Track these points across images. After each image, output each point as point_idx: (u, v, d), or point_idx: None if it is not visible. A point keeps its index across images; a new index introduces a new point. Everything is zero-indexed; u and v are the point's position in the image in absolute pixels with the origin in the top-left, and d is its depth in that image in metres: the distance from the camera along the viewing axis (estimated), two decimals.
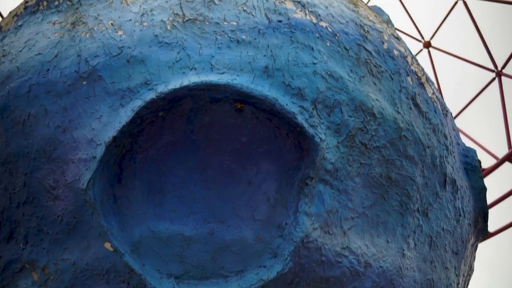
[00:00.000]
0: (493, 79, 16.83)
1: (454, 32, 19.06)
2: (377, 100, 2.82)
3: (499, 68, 16.58)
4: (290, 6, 2.90)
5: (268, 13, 2.79)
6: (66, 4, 3.05)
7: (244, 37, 2.64)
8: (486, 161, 14.79)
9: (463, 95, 18.32)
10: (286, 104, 2.45)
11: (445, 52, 18.92)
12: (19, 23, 3.12)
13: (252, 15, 2.76)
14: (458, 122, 17.61)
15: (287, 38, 2.69)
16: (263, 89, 2.45)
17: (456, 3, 18.27)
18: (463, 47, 18.57)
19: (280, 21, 2.76)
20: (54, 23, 2.92)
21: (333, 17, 3.01)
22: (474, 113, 18.08)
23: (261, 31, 2.68)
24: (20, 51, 2.81)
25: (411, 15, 19.82)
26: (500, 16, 17.57)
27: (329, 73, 2.66)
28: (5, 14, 17.43)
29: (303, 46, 2.70)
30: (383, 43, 3.17)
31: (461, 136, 16.05)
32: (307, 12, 2.91)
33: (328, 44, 2.81)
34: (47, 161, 2.50)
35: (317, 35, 2.79)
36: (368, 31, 3.14)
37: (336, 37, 2.88)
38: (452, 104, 18.17)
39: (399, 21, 19.50)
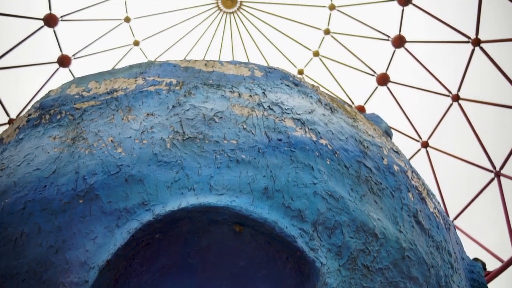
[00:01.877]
0: (492, 179, 16.87)
1: (451, 132, 19.37)
2: (378, 219, 2.77)
3: (498, 169, 16.67)
4: (290, 124, 2.92)
5: (268, 131, 2.81)
6: (67, 119, 3.08)
7: (243, 156, 2.63)
8: (491, 264, 14.47)
9: (463, 195, 18.25)
10: (286, 227, 2.39)
11: (443, 152, 19.13)
12: (20, 136, 3.13)
13: (252, 133, 2.77)
14: (459, 223, 17.46)
15: (287, 158, 2.68)
16: (263, 211, 2.40)
17: (451, 104, 18.72)
18: (460, 147, 18.79)
19: (280, 140, 2.76)
20: (54, 138, 2.92)
21: (332, 134, 3.02)
22: (475, 214, 17.93)
23: (261, 150, 2.68)
24: (19, 165, 2.79)
25: (408, 115, 20.24)
26: (496, 117, 17.93)
27: (329, 193, 2.63)
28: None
29: (303, 166, 2.68)
30: (383, 159, 3.17)
31: (464, 238, 15.83)
32: (306, 129, 2.92)
33: (328, 162, 2.79)
34: (36, 284, 2.40)
35: (317, 154, 2.79)
36: (367, 146, 3.15)
37: (336, 155, 2.88)
38: (452, 204, 18.10)
39: (397, 121, 19.89)
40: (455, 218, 17.97)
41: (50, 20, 18.78)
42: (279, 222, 2.39)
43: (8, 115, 18.12)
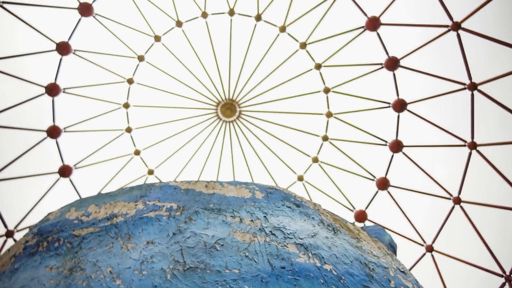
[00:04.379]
0: (504, 284, 16.37)
1: (456, 235, 19.07)
2: None
3: (508, 273, 16.22)
4: (293, 249, 2.85)
5: (271, 258, 2.73)
6: (66, 247, 3.02)
7: (246, 287, 2.54)
8: None
9: None
10: None
11: (449, 256, 18.72)
12: (15, 266, 3.04)
13: (255, 261, 2.70)
14: None
15: (291, 287, 2.59)
16: None
17: (453, 207, 18.61)
18: (467, 250, 18.41)
19: (283, 268, 2.69)
20: (51, 268, 2.84)
21: (336, 257, 2.95)
22: None
23: (264, 280, 2.59)
24: None
25: (410, 219, 20.05)
26: (500, 219, 17.72)
27: None
28: None
29: None
30: (390, 281, 3.06)
31: None
32: (310, 255, 2.85)
33: None
34: None
35: (322, 281, 2.70)
36: (373, 269, 3.05)
37: (342, 281, 2.78)
38: None
39: (400, 226, 19.66)
40: None
41: (53, 132, 19.14)
42: None
43: (6, 226, 17.90)
